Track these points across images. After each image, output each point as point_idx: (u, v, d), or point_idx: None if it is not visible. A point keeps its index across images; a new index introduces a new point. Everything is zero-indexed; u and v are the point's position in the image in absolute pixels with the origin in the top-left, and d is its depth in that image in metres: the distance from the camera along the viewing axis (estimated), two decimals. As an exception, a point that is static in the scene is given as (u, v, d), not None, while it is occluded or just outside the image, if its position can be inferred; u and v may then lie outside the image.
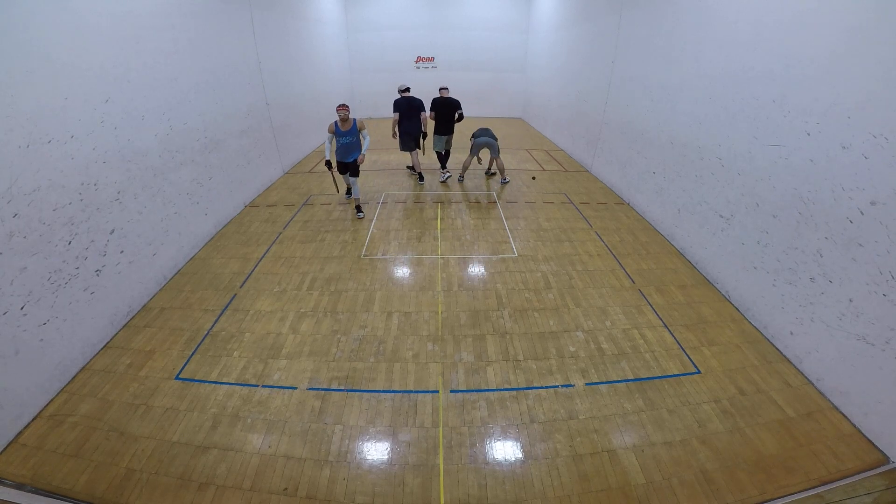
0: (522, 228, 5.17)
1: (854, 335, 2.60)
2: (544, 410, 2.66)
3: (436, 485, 2.23)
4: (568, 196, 6.28)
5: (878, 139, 2.46)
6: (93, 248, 3.11)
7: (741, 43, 3.65)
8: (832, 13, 2.79)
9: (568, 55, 8.77)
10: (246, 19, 5.76)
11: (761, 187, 3.41)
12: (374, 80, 12.67)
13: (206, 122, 4.76)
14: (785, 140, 3.18)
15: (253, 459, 2.34)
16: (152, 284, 3.79)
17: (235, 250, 4.57)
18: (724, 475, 2.28)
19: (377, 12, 11.96)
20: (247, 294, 3.81)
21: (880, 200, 2.45)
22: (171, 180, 4.11)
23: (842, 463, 2.36)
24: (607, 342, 3.25)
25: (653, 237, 4.96)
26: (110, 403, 2.69)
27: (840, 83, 2.73)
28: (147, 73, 3.76)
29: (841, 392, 2.71)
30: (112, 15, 3.34)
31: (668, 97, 4.86)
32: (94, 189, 3.15)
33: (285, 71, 7.19)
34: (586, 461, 2.35)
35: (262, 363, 3.02)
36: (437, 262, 4.36)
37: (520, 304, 3.69)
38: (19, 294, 2.53)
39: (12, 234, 2.50)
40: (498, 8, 12.09)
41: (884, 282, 2.42)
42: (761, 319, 3.39)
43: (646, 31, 5.43)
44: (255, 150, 6.14)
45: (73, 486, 2.19)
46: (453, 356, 3.09)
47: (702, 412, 2.65)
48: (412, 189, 6.57)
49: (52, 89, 2.79)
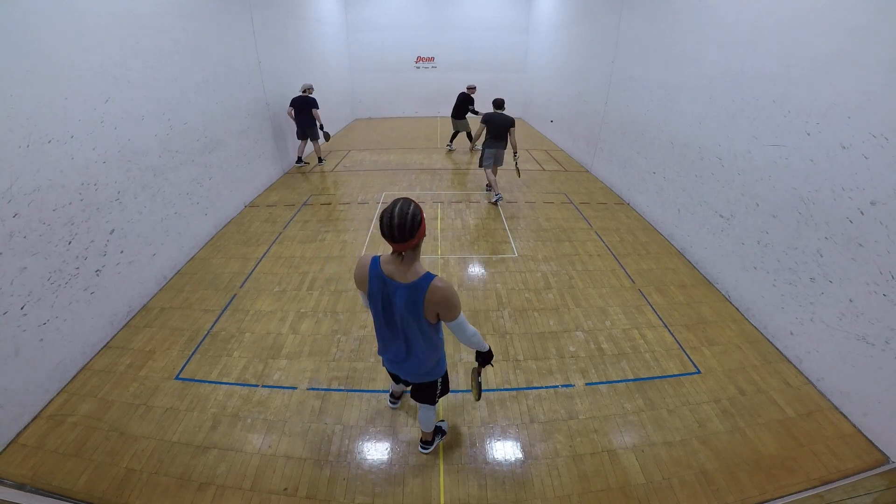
0: (522, 228, 5.17)
1: (854, 335, 2.60)
2: (544, 410, 2.66)
3: (436, 485, 2.23)
4: (568, 196, 6.28)
5: (878, 139, 2.46)
6: (93, 248, 3.11)
7: (741, 43, 3.65)
8: (832, 13, 2.79)
9: (568, 55, 8.77)
10: (246, 19, 5.76)
11: (761, 187, 3.41)
12: (374, 80, 12.68)
13: (206, 122, 4.76)
14: (785, 140, 3.18)
15: (253, 459, 2.34)
16: (152, 284, 3.79)
17: (235, 250, 4.57)
18: (724, 475, 2.28)
19: (377, 12, 11.96)
20: (247, 294, 3.81)
21: (880, 200, 2.45)
22: (171, 180, 4.11)
23: (842, 463, 2.36)
24: (607, 342, 3.25)
25: (653, 237, 4.96)
26: (110, 403, 2.68)
27: (840, 83, 2.73)
28: (147, 73, 3.76)
29: (841, 392, 2.70)
30: (112, 15, 3.34)
31: (668, 97, 4.86)
32: (94, 189, 3.14)
33: (285, 71, 7.18)
34: (586, 461, 2.35)
35: (262, 363, 3.02)
36: (437, 262, 4.35)
37: (520, 304, 3.69)
38: (19, 294, 2.53)
39: (12, 234, 2.50)
40: (498, 8, 12.09)
41: (884, 282, 2.42)
42: (761, 319, 3.39)
43: (646, 31, 5.43)
44: (255, 150, 6.14)
45: (73, 486, 2.19)
46: (453, 356, 3.09)
47: (702, 412, 2.65)
48: (412, 189, 6.57)
49: (52, 89, 2.79)
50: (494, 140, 5.70)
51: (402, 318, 1.64)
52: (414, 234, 1.46)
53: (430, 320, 1.63)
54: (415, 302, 1.56)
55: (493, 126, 5.58)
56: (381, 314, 1.68)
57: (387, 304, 1.64)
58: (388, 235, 1.46)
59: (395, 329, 1.71)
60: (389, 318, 1.68)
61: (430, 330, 1.70)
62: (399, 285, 1.56)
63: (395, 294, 1.58)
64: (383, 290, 1.61)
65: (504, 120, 5.49)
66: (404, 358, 1.82)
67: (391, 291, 1.59)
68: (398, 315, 1.64)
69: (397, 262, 1.56)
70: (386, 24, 12.12)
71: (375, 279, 1.60)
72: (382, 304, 1.64)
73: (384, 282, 1.59)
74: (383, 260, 1.61)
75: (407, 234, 1.44)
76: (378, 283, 1.60)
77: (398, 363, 1.88)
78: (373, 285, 1.61)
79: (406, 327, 1.68)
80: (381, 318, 1.70)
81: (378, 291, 1.62)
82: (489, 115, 5.56)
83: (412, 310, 1.58)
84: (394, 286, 1.58)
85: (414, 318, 1.62)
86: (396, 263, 1.56)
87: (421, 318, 1.61)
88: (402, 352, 1.79)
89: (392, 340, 1.77)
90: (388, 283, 1.58)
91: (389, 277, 1.58)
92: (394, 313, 1.65)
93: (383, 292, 1.61)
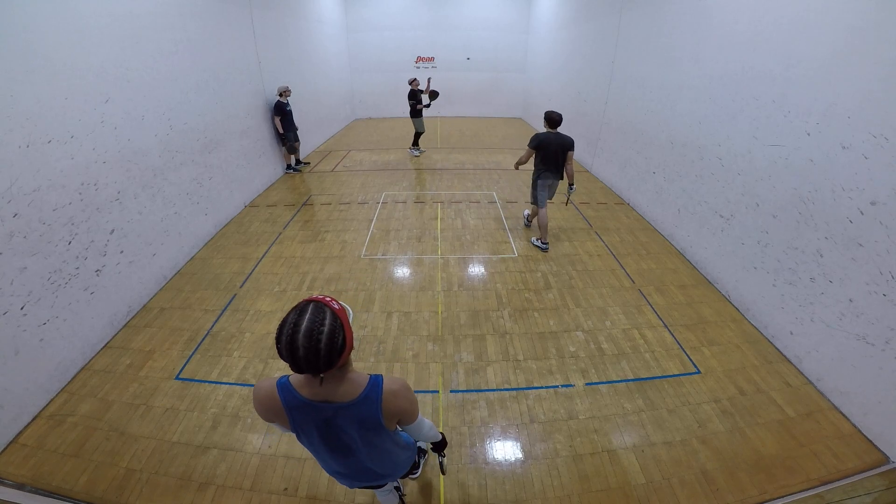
0: (522, 228, 5.17)
1: (854, 335, 2.60)
2: (544, 410, 2.66)
3: (436, 485, 2.23)
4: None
5: (878, 139, 2.46)
6: (93, 248, 3.11)
7: (741, 43, 3.65)
8: (832, 13, 2.79)
9: (568, 55, 8.77)
10: (246, 19, 5.76)
11: (761, 187, 3.41)
12: (374, 80, 12.68)
13: (206, 122, 4.76)
14: (785, 140, 3.18)
15: (253, 459, 2.34)
16: (152, 284, 3.79)
17: (235, 250, 4.57)
18: (724, 475, 2.28)
19: (377, 12, 11.96)
20: (247, 294, 3.81)
21: (880, 200, 2.45)
22: (171, 180, 4.11)
23: (842, 463, 2.36)
24: (607, 342, 3.25)
25: (653, 237, 4.96)
26: (110, 403, 2.68)
27: (840, 83, 2.73)
28: (147, 73, 3.76)
29: (841, 392, 2.70)
30: (112, 15, 3.34)
31: (668, 97, 4.86)
32: (94, 189, 3.15)
33: (285, 71, 7.19)
34: (586, 461, 2.35)
35: (263, 363, 3.02)
36: (437, 262, 4.35)
37: (520, 304, 3.69)
38: (19, 294, 2.53)
39: (12, 234, 2.50)
40: (498, 8, 12.10)
41: (884, 282, 2.42)
42: (761, 319, 3.39)
43: (646, 32, 5.43)
44: (255, 150, 6.14)
45: (73, 486, 2.19)
46: (453, 356, 3.09)
47: (702, 412, 2.65)
48: (412, 189, 6.57)
49: (52, 89, 2.80)
50: (549, 167, 4.29)
51: (357, 440, 1.24)
52: (335, 361, 1.04)
53: (391, 428, 1.29)
54: (370, 417, 1.18)
55: (548, 151, 4.20)
56: (321, 446, 1.26)
57: (326, 432, 1.20)
58: (294, 367, 1.02)
59: (354, 454, 1.30)
60: (337, 445, 1.25)
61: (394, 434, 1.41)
62: (338, 406, 1.15)
63: (337, 417, 1.17)
64: (315, 417, 1.17)
65: (562, 142, 4.15)
66: (380, 475, 1.47)
67: (329, 416, 1.16)
68: (350, 440, 1.23)
69: (322, 383, 1.12)
70: (386, 24, 12.12)
71: (296, 409, 1.15)
72: (320, 434, 1.21)
73: (312, 408, 1.15)
74: (297, 383, 1.16)
75: (322, 364, 1.02)
76: (303, 413, 1.16)
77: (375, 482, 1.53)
78: (295, 416, 1.17)
79: (367, 446, 1.29)
80: (326, 452, 1.28)
81: (308, 422, 1.18)
82: (542, 137, 4.17)
83: (370, 426, 1.21)
84: (331, 409, 1.15)
85: (375, 435, 1.25)
86: (320, 384, 1.12)
87: (383, 431, 1.25)
88: (372, 473, 1.42)
89: (353, 467, 1.37)
90: (320, 408, 1.15)
91: (318, 401, 1.15)
92: (341, 440, 1.23)
93: (316, 420, 1.17)
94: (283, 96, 6.49)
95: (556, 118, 4.17)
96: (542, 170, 4.33)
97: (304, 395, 1.15)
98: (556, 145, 4.17)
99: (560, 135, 4.18)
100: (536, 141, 4.19)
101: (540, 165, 4.34)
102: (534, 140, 4.21)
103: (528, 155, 4.33)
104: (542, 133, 4.23)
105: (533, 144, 4.22)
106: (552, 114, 4.19)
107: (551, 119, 4.19)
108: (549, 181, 4.41)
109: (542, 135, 4.20)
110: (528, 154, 4.32)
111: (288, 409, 1.15)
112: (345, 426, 1.19)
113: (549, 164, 4.27)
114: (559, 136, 4.17)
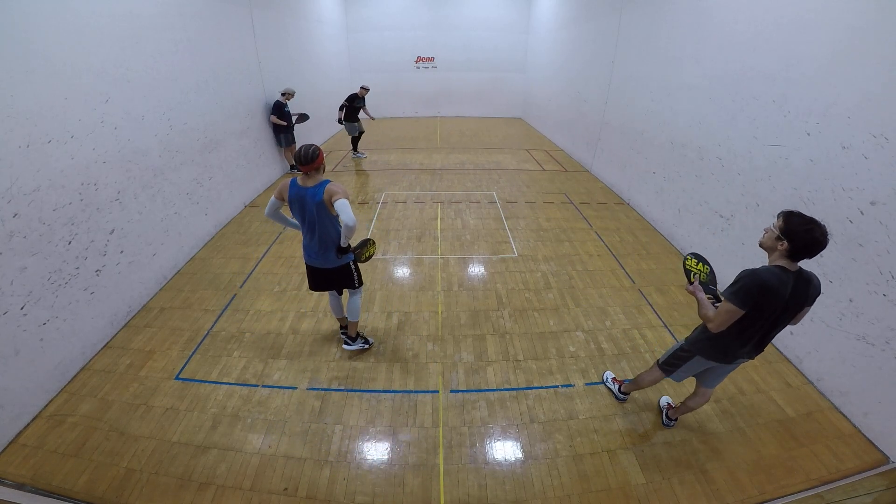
0: (522, 228, 5.17)
1: (854, 335, 2.60)
2: (544, 410, 2.66)
3: (436, 485, 2.23)
4: (568, 196, 6.28)
5: (878, 139, 2.46)
6: (93, 248, 3.11)
7: (741, 43, 3.65)
8: (832, 13, 2.79)
9: (568, 55, 8.78)
10: (246, 19, 5.76)
11: (761, 187, 3.41)
12: (374, 80, 12.64)
13: (206, 122, 4.76)
14: (785, 140, 3.18)
15: (253, 459, 2.34)
16: (152, 284, 3.78)
17: (235, 250, 4.57)
18: (724, 475, 2.28)
19: (377, 12, 11.97)
20: (247, 294, 3.81)
21: (880, 200, 2.45)
22: (171, 180, 4.11)
23: (842, 463, 2.36)
24: (607, 342, 3.25)
25: (653, 237, 4.96)
26: (110, 403, 2.68)
27: (840, 83, 2.73)
28: (147, 73, 3.76)
29: (841, 392, 2.70)
30: (112, 15, 3.34)
31: (668, 97, 4.86)
32: (94, 189, 3.14)
33: (285, 71, 7.18)
34: (586, 461, 2.35)
35: (262, 363, 3.02)
36: (437, 262, 4.35)
37: (520, 304, 3.69)
38: (19, 294, 2.53)
39: (12, 234, 2.50)
40: (498, 8, 12.10)
41: (884, 282, 2.42)
42: (761, 319, 3.38)
43: (646, 32, 5.43)
44: (255, 150, 6.14)
45: (73, 486, 2.19)
46: (453, 356, 3.09)
47: (702, 412, 2.65)
48: (412, 189, 6.57)
49: (52, 89, 2.79)
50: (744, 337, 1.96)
51: (313, 211, 2.43)
52: (313, 161, 2.36)
53: (331, 211, 2.40)
54: (318, 195, 2.38)
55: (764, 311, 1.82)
56: (298, 213, 2.52)
57: (302, 203, 2.45)
58: (299, 163, 2.37)
59: (308, 222, 2.50)
60: (304, 213, 2.48)
61: (333, 220, 2.49)
62: (308, 188, 2.41)
63: (306, 194, 2.41)
64: (299, 193, 2.43)
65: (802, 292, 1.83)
66: (317, 249, 2.57)
67: (303, 193, 2.42)
68: (308, 210, 2.44)
69: (306, 178, 2.43)
70: (386, 24, 12.13)
71: (293, 187, 2.46)
72: (300, 206, 2.46)
73: (299, 189, 2.44)
74: (298, 180, 2.46)
75: (309, 160, 2.35)
76: (295, 191, 2.45)
77: (314, 255, 2.62)
78: (292, 192, 2.45)
79: (317, 218, 2.46)
80: (300, 216, 2.53)
81: (296, 196, 2.44)
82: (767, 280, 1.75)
83: (318, 201, 2.39)
84: (306, 189, 2.42)
85: (318, 210, 2.42)
86: (306, 178, 2.44)
87: (323, 207, 2.41)
88: (315, 243, 2.56)
89: (308, 235, 2.57)
90: (302, 189, 2.42)
91: (302, 186, 2.43)
92: (306, 209, 2.45)
93: (299, 195, 2.43)
94: (285, 97, 6.47)
95: (820, 241, 1.73)
96: (728, 341, 2.01)
97: (300, 182, 2.45)
98: (790, 300, 1.81)
99: (802, 277, 1.84)
100: (757, 288, 1.76)
101: (725, 333, 1.93)
102: (750, 287, 1.77)
103: (729, 317, 1.85)
104: (765, 271, 1.79)
105: (748, 301, 1.78)
106: (810, 229, 1.74)
107: (805, 241, 1.74)
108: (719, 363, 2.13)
109: (766, 274, 1.77)
110: (729, 315, 1.84)
111: (290, 188, 2.47)
112: (308, 200, 2.41)
113: (750, 332, 1.93)
114: (800, 278, 1.83)
